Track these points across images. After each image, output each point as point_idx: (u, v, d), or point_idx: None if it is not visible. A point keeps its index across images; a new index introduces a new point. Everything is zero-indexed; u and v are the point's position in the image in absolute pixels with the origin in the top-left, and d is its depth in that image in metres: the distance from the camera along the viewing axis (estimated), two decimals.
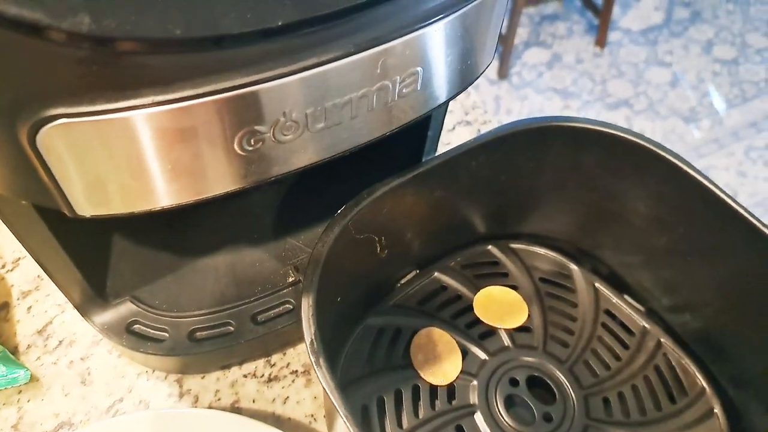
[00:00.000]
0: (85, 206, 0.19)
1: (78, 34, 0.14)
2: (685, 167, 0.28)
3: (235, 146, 0.19)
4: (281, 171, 0.21)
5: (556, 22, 1.86)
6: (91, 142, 0.17)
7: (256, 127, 0.19)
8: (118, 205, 0.19)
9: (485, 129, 0.50)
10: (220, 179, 0.20)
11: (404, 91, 0.22)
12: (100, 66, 0.15)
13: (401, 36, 0.20)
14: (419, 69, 0.22)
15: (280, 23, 0.17)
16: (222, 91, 0.17)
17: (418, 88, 0.22)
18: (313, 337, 0.23)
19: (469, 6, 0.21)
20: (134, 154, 0.17)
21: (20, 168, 0.17)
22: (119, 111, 0.16)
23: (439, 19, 0.20)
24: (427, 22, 0.20)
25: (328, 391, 0.21)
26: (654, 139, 0.29)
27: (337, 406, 0.21)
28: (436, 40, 0.21)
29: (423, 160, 0.38)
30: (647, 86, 1.69)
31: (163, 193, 0.19)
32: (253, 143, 0.19)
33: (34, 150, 0.16)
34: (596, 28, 1.78)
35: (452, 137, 0.49)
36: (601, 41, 1.76)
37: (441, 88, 0.24)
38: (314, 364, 0.22)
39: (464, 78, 0.25)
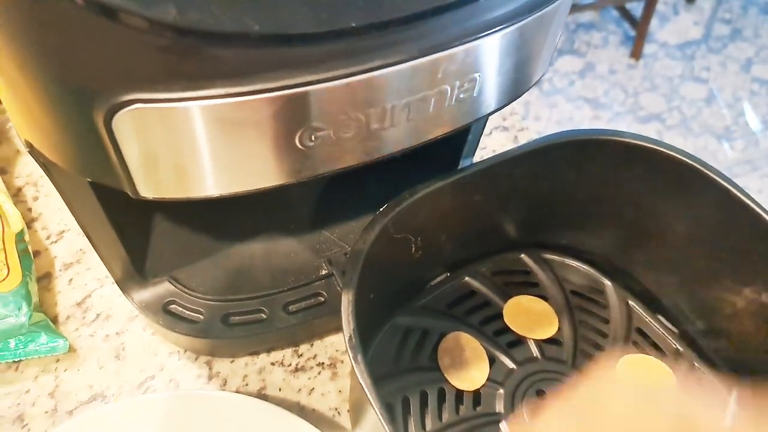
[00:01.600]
0: (148, 189, 0.19)
1: (162, 24, 0.15)
2: (735, 191, 0.27)
3: (297, 141, 0.19)
4: (334, 168, 0.21)
5: (592, 30, 1.83)
6: (163, 129, 0.17)
7: (319, 124, 0.19)
8: (178, 190, 0.20)
9: (522, 135, 0.50)
10: (276, 172, 0.20)
11: (461, 96, 0.22)
12: (179, 55, 0.16)
13: (464, 43, 0.20)
14: (478, 75, 0.22)
15: (353, 25, 0.17)
16: (291, 86, 0.17)
17: (474, 95, 0.23)
18: (352, 333, 0.23)
19: (531, 17, 0.21)
20: (201, 142, 0.18)
21: (92, 148, 0.18)
22: (193, 100, 0.17)
23: (502, 28, 0.20)
24: (489, 31, 0.20)
25: (365, 388, 0.22)
26: None
27: (372, 403, 0.21)
28: (497, 48, 0.21)
29: (461, 163, 0.38)
30: (681, 101, 1.65)
31: (222, 182, 0.20)
32: (313, 139, 0.19)
33: (109, 132, 0.17)
34: (632, 40, 1.74)
35: (489, 142, 0.49)
36: (636, 53, 1.73)
37: (495, 95, 0.24)
38: (352, 360, 0.23)
39: (519, 87, 0.25)
